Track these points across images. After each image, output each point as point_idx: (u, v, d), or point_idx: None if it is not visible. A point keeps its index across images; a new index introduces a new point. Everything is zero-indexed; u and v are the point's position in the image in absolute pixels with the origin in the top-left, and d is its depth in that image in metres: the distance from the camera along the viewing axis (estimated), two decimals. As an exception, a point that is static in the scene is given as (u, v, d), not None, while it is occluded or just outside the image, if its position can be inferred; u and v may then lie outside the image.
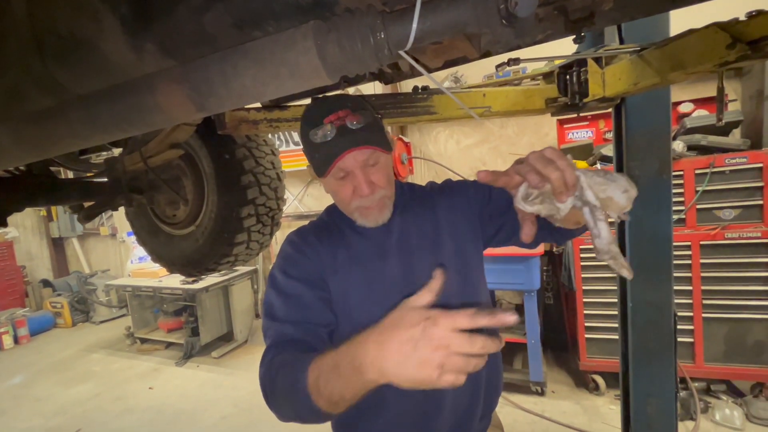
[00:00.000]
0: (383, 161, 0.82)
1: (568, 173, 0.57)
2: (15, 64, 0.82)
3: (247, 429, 2.81)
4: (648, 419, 1.47)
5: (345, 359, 0.56)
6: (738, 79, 2.87)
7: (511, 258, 2.62)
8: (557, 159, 0.57)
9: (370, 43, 0.51)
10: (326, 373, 0.58)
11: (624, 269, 0.60)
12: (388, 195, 0.84)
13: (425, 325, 0.49)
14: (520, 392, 2.83)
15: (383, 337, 0.52)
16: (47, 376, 4.03)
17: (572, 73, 1.28)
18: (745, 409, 2.35)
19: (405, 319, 0.52)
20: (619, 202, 0.59)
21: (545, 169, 0.57)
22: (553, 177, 0.56)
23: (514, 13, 0.44)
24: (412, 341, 0.49)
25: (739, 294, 2.37)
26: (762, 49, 0.79)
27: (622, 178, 0.60)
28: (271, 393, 0.70)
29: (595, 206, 0.59)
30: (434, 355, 0.48)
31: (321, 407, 0.60)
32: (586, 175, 0.59)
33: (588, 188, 0.59)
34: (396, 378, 0.50)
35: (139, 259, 4.86)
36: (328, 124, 0.74)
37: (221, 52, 0.61)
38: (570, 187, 0.57)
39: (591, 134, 3.12)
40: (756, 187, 2.31)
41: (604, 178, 0.59)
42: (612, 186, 0.59)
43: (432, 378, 0.48)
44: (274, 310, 0.80)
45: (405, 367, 0.49)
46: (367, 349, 0.53)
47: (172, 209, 1.92)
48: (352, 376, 0.54)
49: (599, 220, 0.59)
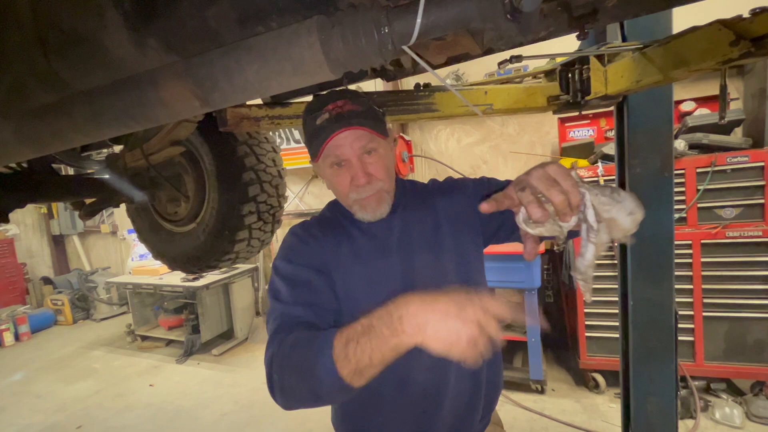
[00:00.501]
0: (382, 151, 0.81)
1: (573, 196, 0.55)
2: (18, 59, 0.82)
3: (248, 426, 2.82)
4: (648, 417, 1.47)
5: (381, 319, 0.58)
6: (740, 77, 2.87)
7: (512, 256, 2.62)
8: (562, 180, 0.55)
9: (374, 38, 0.51)
10: (357, 336, 0.59)
11: (588, 293, 0.61)
12: (386, 189, 0.84)
13: (473, 301, 0.54)
14: (520, 390, 2.83)
15: (428, 299, 0.56)
16: (48, 373, 4.04)
17: (574, 71, 1.28)
18: (745, 408, 2.35)
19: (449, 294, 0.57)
20: (623, 225, 0.56)
21: (548, 191, 0.55)
22: (557, 201, 0.55)
23: (518, 8, 0.44)
24: (455, 308, 0.54)
25: (740, 293, 2.37)
26: (766, 47, 0.79)
27: (629, 199, 0.57)
28: (280, 375, 0.68)
29: (592, 227, 0.57)
30: (469, 327, 0.53)
31: (344, 377, 0.59)
32: (591, 192, 0.57)
33: (591, 207, 0.56)
34: (432, 336, 0.54)
35: (139, 257, 4.87)
36: (326, 112, 0.77)
37: (225, 47, 0.60)
38: (574, 209, 0.56)
39: (592, 132, 3.11)
40: (757, 186, 2.31)
41: (610, 198, 0.56)
42: (617, 207, 0.56)
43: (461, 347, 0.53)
44: (280, 295, 0.79)
45: (442, 329, 0.53)
46: (409, 304, 0.57)
47: (173, 206, 1.92)
48: (388, 334, 0.56)
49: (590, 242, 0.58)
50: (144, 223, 2.06)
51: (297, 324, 0.74)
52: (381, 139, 0.80)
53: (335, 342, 0.61)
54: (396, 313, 0.57)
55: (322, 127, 0.76)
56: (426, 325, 0.54)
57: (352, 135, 0.76)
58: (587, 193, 0.56)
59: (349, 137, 0.76)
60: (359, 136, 0.77)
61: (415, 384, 0.85)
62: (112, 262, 6.28)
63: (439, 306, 0.55)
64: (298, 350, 0.66)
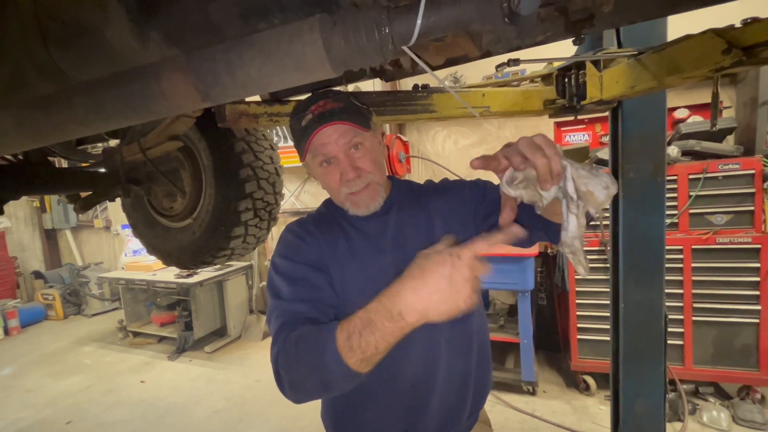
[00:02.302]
0: (368, 145, 0.83)
1: (555, 162, 0.58)
2: (17, 49, 0.82)
3: (239, 423, 2.81)
4: (637, 419, 1.49)
5: (379, 313, 0.59)
6: (732, 86, 2.91)
7: (506, 258, 2.64)
8: (546, 147, 0.58)
9: (375, 38, 0.52)
10: (358, 329, 0.61)
11: (580, 266, 0.62)
12: (377, 180, 0.84)
13: (453, 261, 0.56)
14: (511, 391, 2.85)
15: (416, 283, 0.58)
16: (38, 367, 4.00)
17: (570, 76, 1.29)
18: (732, 412, 2.39)
19: (431, 262, 0.58)
20: (598, 198, 0.61)
21: (533, 155, 0.58)
22: (539, 163, 0.57)
23: (516, 11, 0.45)
24: (446, 278, 0.56)
25: (729, 298, 2.41)
26: (756, 55, 0.81)
27: (605, 175, 0.62)
28: (288, 369, 0.69)
29: (572, 198, 0.60)
30: (468, 283, 0.56)
31: (351, 365, 0.61)
32: (573, 166, 0.60)
33: (571, 179, 0.60)
34: (436, 314, 0.57)
35: (133, 252, 4.84)
36: (310, 113, 0.79)
37: (228, 42, 0.61)
38: (555, 176, 0.58)
39: (587, 137, 3.15)
40: (748, 193, 2.35)
41: (589, 172, 0.61)
42: (594, 181, 0.60)
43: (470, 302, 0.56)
44: (281, 292, 0.79)
45: (444, 302, 0.56)
46: (404, 297, 0.58)
47: (169, 201, 1.91)
48: (390, 326, 0.58)
49: (571, 213, 0.61)
50: (139, 217, 2.05)
51: (300, 320, 0.75)
52: (365, 132, 0.82)
53: (337, 335, 0.62)
54: (395, 309, 0.58)
55: (306, 127, 0.78)
56: (427, 310, 0.57)
57: (336, 131, 0.78)
58: (569, 166, 0.60)
59: (333, 134, 0.78)
60: (343, 131, 0.78)
61: (405, 379, 0.86)
62: (105, 258, 6.23)
63: (431, 285, 0.57)
64: (303, 345, 0.68)
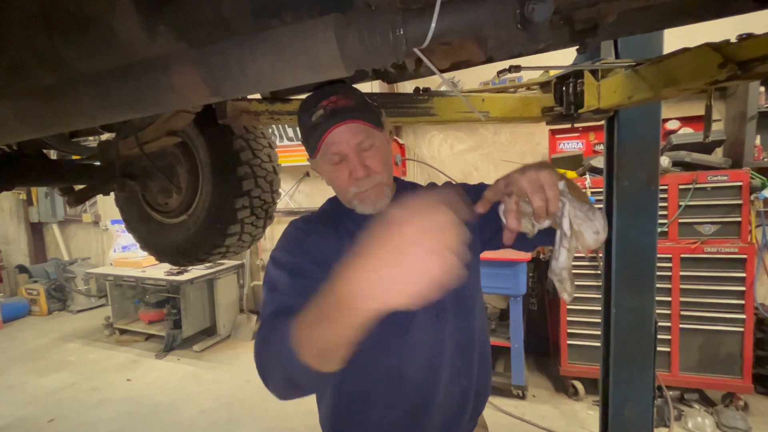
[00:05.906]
0: (378, 144, 0.82)
1: (552, 205, 0.61)
2: (19, 37, 0.81)
3: (227, 424, 2.78)
4: (625, 423, 1.51)
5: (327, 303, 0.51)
6: (722, 100, 2.99)
7: (499, 262, 2.66)
8: (548, 188, 0.61)
9: (389, 39, 0.53)
10: (310, 321, 0.54)
11: (565, 293, 0.68)
12: (385, 182, 0.84)
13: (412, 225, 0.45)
14: (501, 395, 2.87)
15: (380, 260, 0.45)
16: (20, 364, 3.90)
17: (569, 84, 1.32)
18: (716, 418, 2.44)
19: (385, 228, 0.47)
20: (587, 240, 0.65)
21: (532, 195, 0.61)
22: (536, 205, 0.61)
23: (530, 18, 0.47)
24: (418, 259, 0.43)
25: (715, 306, 2.47)
26: (751, 70, 0.84)
27: (600, 220, 0.65)
28: (265, 364, 0.65)
29: (565, 234, 0.64)
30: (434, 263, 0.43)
31: (309, 364, 0.55)
32: (572, 203, 0.64)
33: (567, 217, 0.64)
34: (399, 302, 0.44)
35: (122, 248, 4.76)
36: (321, 108, 0.78)
37: (240, 37, 0.61)
38: (549, 216, 0.62)
39: (581, 145, 3.20)
40: (735, 204, 2.41)
41: (585, 214, 0.64)
42: (587, 224, 0.64)
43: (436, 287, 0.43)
44: (278, 285, 0.75)
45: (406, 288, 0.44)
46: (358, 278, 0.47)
47: (164, 197, 1.89)
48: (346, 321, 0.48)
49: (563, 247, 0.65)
50: (133, 212, 2.02)
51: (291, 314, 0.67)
52: (377, 131, 0.81)
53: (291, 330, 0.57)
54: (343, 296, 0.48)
55: (318, 124, 0.77)
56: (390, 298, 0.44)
57: (349, 130, 0.77)
58: (567, 204, 0.64)
59: (346, 133, 0.77)
60: (356, 131, 0.78)
61: (407, 382, 0.85)
62: (93, 253, 6.11)
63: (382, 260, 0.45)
64: (271, 340, 0.63)
